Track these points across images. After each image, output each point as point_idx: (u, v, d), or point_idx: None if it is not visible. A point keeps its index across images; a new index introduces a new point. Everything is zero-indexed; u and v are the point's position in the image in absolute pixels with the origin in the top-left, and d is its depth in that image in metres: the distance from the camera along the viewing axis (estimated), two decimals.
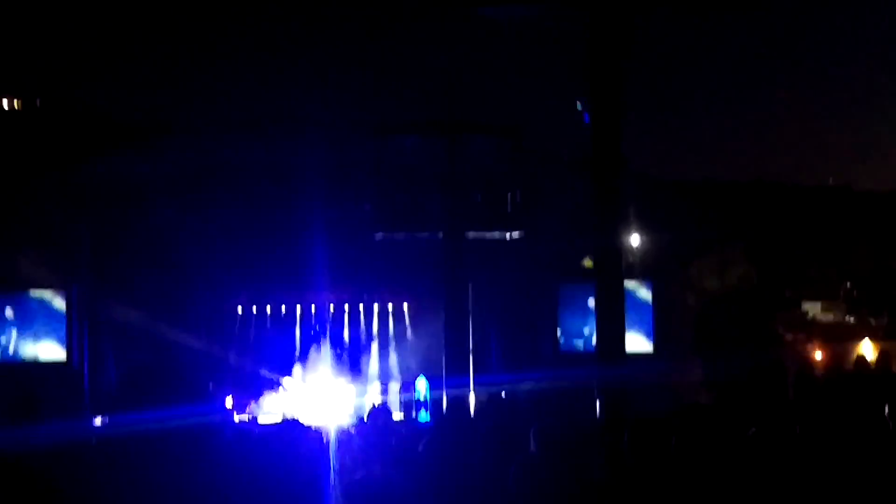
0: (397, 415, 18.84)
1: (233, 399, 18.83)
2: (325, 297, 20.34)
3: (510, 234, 15.83)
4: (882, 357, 12.21)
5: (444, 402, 15.82)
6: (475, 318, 16.13)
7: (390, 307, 20.57)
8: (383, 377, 20.28)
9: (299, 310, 20.40)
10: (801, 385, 9.71)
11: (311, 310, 20.45)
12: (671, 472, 5.13)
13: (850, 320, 23.60)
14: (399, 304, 20.55)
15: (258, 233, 18.91)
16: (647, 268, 19.69)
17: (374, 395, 19.43)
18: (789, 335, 22.06)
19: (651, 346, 19.34)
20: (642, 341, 19.18)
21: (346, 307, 20.55)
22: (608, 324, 8.25)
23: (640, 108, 15.35)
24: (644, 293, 19.35)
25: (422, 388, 18.84)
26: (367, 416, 7.74)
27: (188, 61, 14.55)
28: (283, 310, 20.31)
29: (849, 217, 23.30)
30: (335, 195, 18.43)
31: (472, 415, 14.28)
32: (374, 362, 20.45)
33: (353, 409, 18.23)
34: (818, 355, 21.47)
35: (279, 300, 20.17)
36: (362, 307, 20.56)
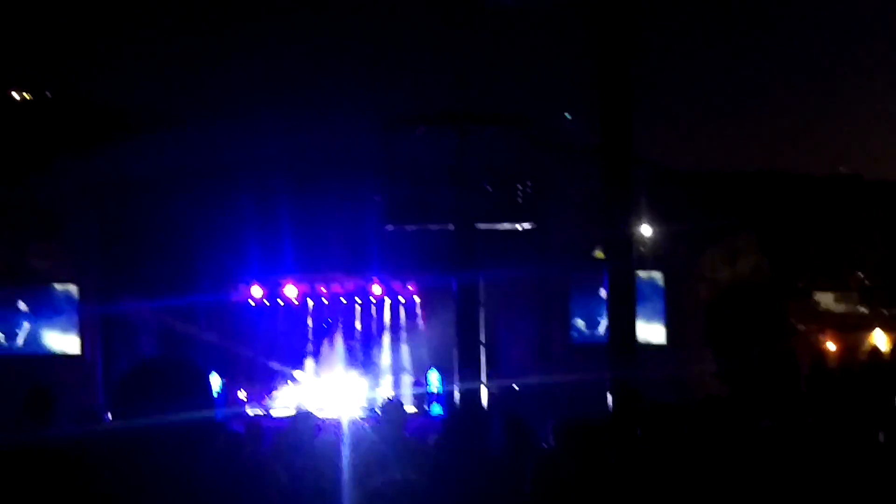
0: (410, 408, 18.85)
1: (246, 392, 18.87)
2: (336, 289, 20.33)
3: (521, 225, 15.75)
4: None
5: (457, 394, 15.78)
6: (487, 309, 16.09)
7: (401, 300, 20.55)
8: (395, 370, 20.27)
9: (311, 303, 20.39)
10: (814, 376, 9.66)
11: (323, 302, 20.44)
12: (683, 464, 5.10)
13: (863, 310, 23.53)
14: (410, 297, 20.54)
15: (269, 225, 18.90)
16: (658, 258, 19.62)
17: (386, 388, 19.43)
18: (801, 326, 22.00)
19: (664, 336, 19.29)
20: (657, 331, 19.15)
21: (358, 300, 20.54)
22: (619, 314, 8.22)
23: (652, 98, 15.29)
24: (656, 283, 19.30)
25: (434, 380, 18.82)
26: (379, 408, 7.71)
27: (199, 54, 14.52)
28: (296, 302, 20.30)
29: (860, 207, 23.22)
30: (346, 187, 18.40)
31: (485, 407, 14.24)
32: (387, 355, 20.43)
33: (365, 402, 18.22)
34: (831, 346, 21.42)
35: (291, 293, 20.17)
36: (373, 300, 20.55)
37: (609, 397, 8.22)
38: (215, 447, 2.67)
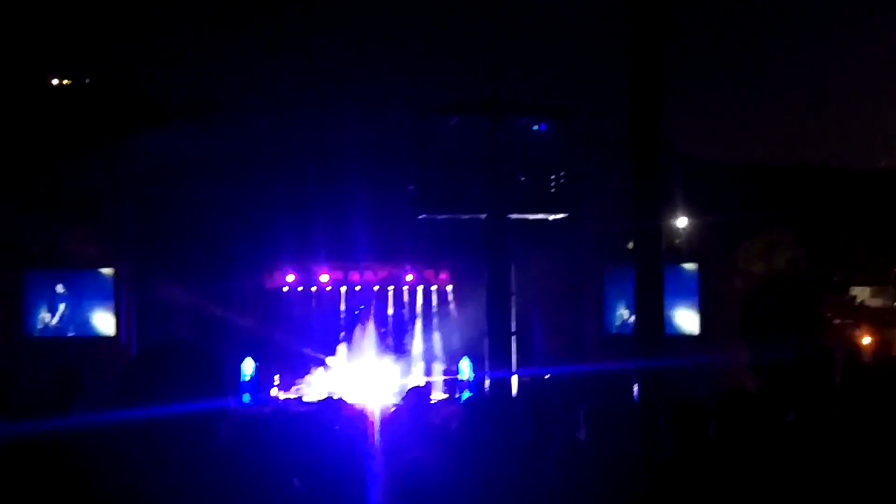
0: (440, 395, 18.90)
1: (279, 377, 19.01)
2: (368, 277, 20.42)
3: (554, 216, 15.71)
4: None
5: (487, 382, 15.79)
6: (519, 299, 16.07)
7: (434, 288, 20.61)
8: (427, 357, 20.35)
9: (344, 290, 20.50)
10: (849, 371, 9.56)
11: (356, 290, 20.54)
12: (708, 457, 5.08)
13: None
14: (442, 285, 20.59)
15: (303, 212, 19.00)
16: (694, 250, 19.52)
17: (417, 376, 19.50)
18: (837, 320, 21.78)
19: (698, 327, 19.20)
20: (691, 322, 19.06)
21: (391, 288, 20.62)
22: (646, 305, 8.18)
23: (689, 91, 15.19)
24: (691, 275, 19.21)
25: (465, 368, 18.86)
26: (404, 395, 7.75)
27: (236, 41, 14.60)
28: (328, 289, 20.41)
29: None
30: (379, 175, 18.45)
31: (513, 394, 14.24)
32: (418, 342, 20.51)
33: (396, 389, 18.30)
34: (866, 340, 21.18)
35: (323, 279, 20.28)
36: (406, 288, 20.62)
37: (635, 388, 8.20)
38: (228, 433, 2.66)
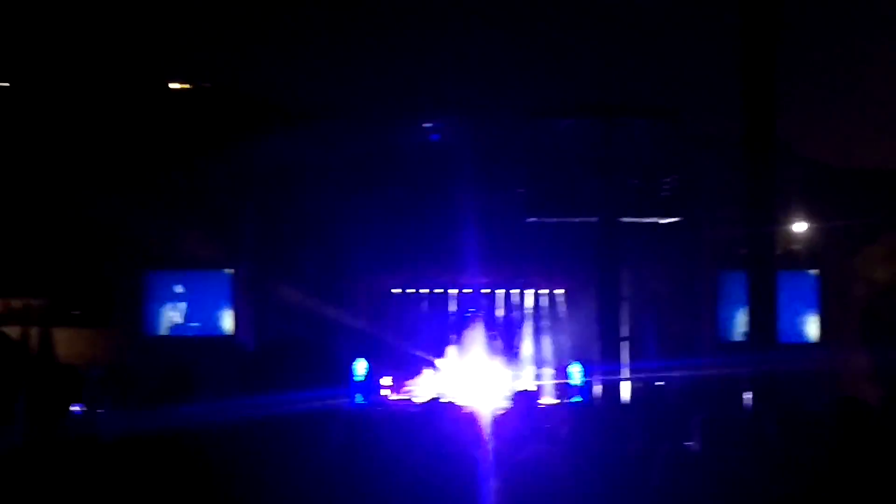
0: (550, 399, 18.82)
1: (390, 378, 19.20)
2: (478, 280, 20.46)
3: (667, 220, 15.49)
4: None
5: (598, 388, 15.66)
6: (630, 304, 15.90)
7: (544, 292, 20.53)
8: (536, 362, 20.29)
9: (454, 293, 20.59)
10: None
11: (465, 293, 20.61)
12: (820, 469, 4.94)
13: None
14: (553, 289, 20.50)
15: (414, 215, 19.16)
16: (814, 256, 19.06)
17: (527, 380, 19.47)
18: None
19: (817, 334, 18.78)
20: (810, 329, 18.69)
21: (500, 291, 20.62)
22: (760, 312, 8.00)
23: (810, 93, 14.81)
24: (810, 281, 18.80)
25: (575, 373, 18.74)
26: (511, 398, 7.75)
27: (351, 46, 14.81)
28: (438, 292, 20.53)
29: None
30: (490, 179, 18.48)
31: (623, 401, 14.10)
32: (528, 346, 20.47)
33: (506, 393, 18.29)
34: None
35: (434, 283, 20.40)
36: (516, 292, 20.60)
37: (749, 396, 8.04)
38: (341, 429, 2.70)
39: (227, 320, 19.37)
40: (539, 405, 9.61)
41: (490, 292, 20.60)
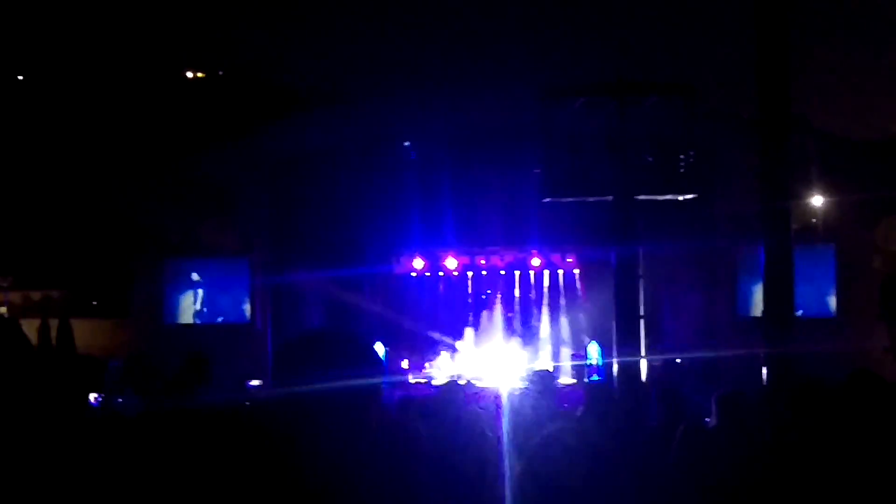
0: (569, 379, 18.84)
1: (408, 361, 19.27)
2: (495, 261, 20.48)
3: (683, 196, 15.41)
4: None
5: (615, 367, 15.66)
6: (647, 282, 15.86)
7: (560, 272, 20.53)
8: (554, 341, 20.31)
9: (471, 274, 20.62)
10: None
11: (482, 274, 20.63)
12: (830, 443, 4.93)
13: None
14: (569, 269, 20.49)
15: (430, 198, 19.17)
16: (830, 229, 18.95)
17: (544, 360, 19.49)
18: None
19: (834, 309, 18.69)
20: (827, 304, 18.61)
21: (517, 272, 20.64)
22: (776, 287, 7.98)
23: (826, 65, 14.69)
24: (827, 255, 18.70)
25: (594, 352, 18.75)
26: (529, 379, 7.77)
27: (364, 30, 14.78)
28: (456, 274, 20.56)
29: None
30: (505, 159, 18.46)
31: (641, 379, 14.10)
32: (545, 327, 20.48)
33: (524, 373, 18.32)
34: None
35: (451, 264, 20.43)
36: (532, 272, 20.60)
37: (764, 372, 8.03)
38: (378, 413, 2.72)
39: (244, 307, 19.46)
40: (557, 385, 9.62)
41: (507, 273, 20.62)
